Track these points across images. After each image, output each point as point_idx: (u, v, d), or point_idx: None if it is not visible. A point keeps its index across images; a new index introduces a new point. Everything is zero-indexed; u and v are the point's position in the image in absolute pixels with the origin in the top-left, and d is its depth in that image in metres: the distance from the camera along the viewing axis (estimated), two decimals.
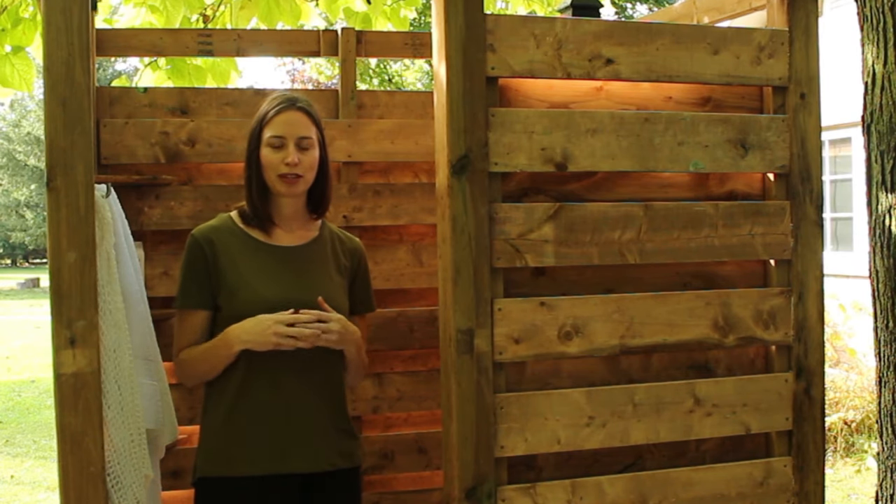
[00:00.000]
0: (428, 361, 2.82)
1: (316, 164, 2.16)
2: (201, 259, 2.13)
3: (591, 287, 2.14)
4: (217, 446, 2.10)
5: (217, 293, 2.12)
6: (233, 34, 2.92)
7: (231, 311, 2.10)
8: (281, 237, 2.18)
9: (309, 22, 4.35)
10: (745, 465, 2.21)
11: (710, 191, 2.27)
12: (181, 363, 2.16)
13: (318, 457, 2.10)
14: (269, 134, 2.12)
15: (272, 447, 2.06)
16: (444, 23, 2.01)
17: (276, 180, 2.13)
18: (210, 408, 2.15)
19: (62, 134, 1.84)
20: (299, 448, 2.08)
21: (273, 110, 2.13)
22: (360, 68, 10.70)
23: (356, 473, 2.21)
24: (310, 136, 2.14)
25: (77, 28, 1.84)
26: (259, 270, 2.13)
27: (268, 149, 2.12)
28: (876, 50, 3.06)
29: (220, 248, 2.13)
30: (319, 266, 2.19)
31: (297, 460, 2.08)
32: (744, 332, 2.20)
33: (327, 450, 2.12)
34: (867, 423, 6.07)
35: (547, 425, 2.06)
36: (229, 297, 2.10)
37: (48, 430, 7.46)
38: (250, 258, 2.14)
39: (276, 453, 2.06)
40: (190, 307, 2.14)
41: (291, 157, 2.10)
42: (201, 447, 2.15)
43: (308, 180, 2.15)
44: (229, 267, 2.12)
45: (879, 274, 3.09)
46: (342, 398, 2.20)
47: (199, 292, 2.13)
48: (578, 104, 2.18)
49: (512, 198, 2.09)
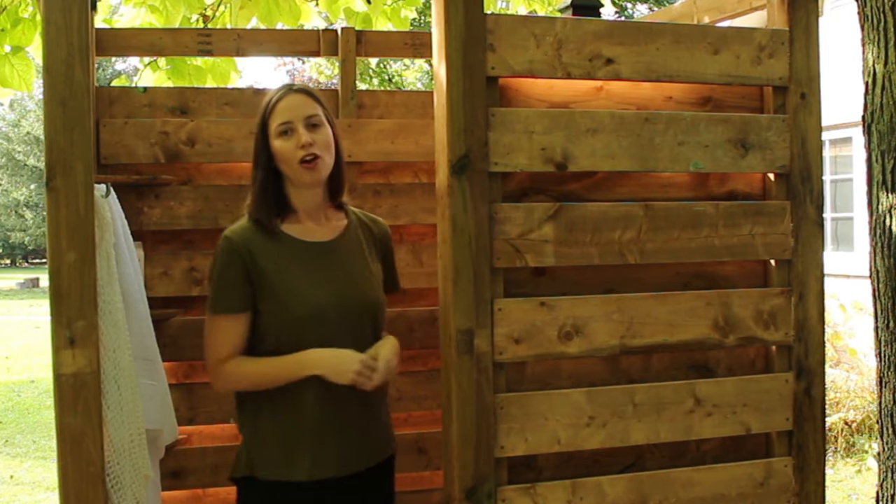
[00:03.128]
0: (428, 361, 2.82)
1: (331, 142, 2.11)
2: (240, 263, 2.05)
3: (591, 287, 2.14)
4: (280, 452, 2.06)
5: (260, 299, 2.06)
6: (232, 34, 2.92)
7: (281, 316, 2.04)
8: (314, 232, 2.14)
9: (309, 22, 4.35)
10: (746, 466, 2.21)
11: (710, 191, 2.26)
12: (229, 374, 2.08)
13: (374, 453, 2.15)
14: (275, 124, 2.08)
15: (330, 452, 2.07)
16: (444, 23, 2.00)
17: (297, 169, 2.07)
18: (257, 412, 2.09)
19: (62, 134, 1.84)
20: (354, 450, 2.10)
21: (274, 99, 2.11)
22: (360, 68, 10.70)
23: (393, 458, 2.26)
24: (316, 114, 2.10)
25: (77, 28, 1.84)
26: (304, 272, 2.08)
27: (279, 140, 2.08)
28: (876, 50, 3.06)
29: (259, 251, 2.06)
30: (358, 258, 2.18)
31: (355, 461, 2.10)
32: (744, 332, 2.20)
33: (376, 446, 2.16)
34: (867, 424, 6.07)
35: (547, 425, 2.06)
36: (277, 303, 2.04)
37: (48, 430, 7.46)
38: (292, 259, 2.08)
39: (332, 458, 2.07)
40: (229, 312, 2.06)
41: (304, 137, 2.05)
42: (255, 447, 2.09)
43: (327, 162, 2.10)
44: (272, 270, 2.05)
45: (880, 274, 3.09)
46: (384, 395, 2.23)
47: (238, 297, 2.05)
48: (578, 104, 2.18)
49: (512, 198, 2.09)
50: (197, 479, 2.66)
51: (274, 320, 2.06)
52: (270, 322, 2.06)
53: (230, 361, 2.07)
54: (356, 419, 2.10)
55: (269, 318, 2.06)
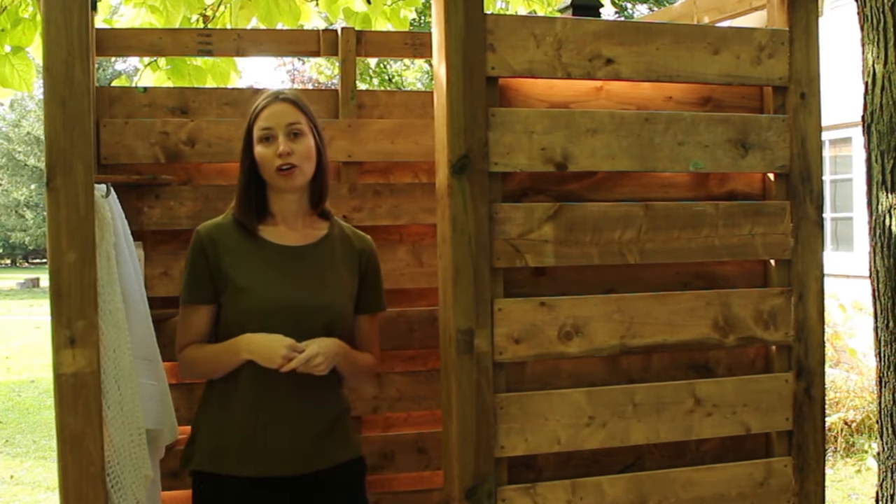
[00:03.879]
0: (428, 361, 2.82)
1: (312, 153, 2.14)
2: (203, 256, 2.14)
3: (591, 287, 2.14)
4: (212, 444, 2.12)
5: (221, 291, 2.13)
6: (233, 34, 2.91)
7: (235, 310, 2.11)
8: (287, 236, 2.17)
9: (309, 22, 4.35)
10: (746, 466, 2.21)
11: (710, 191, 2.26)
12: (185, 360, 2.18)
13: (307, 460, 2.11)
14: (258, 130, 2.13)
15: (262, 450, 2.08)
16: (444, 23, 2.01)
17: (273, 175, 2.12)
18: (206, 403, 2.18)
19: (62, 134, 1.84)
20: (288, 452, 2.08)
21: (260, 106, 2.15)
22: (360, 68, 10.69)
23: (355, 465, 2.22)
24: (298, 122, 2.13)
25: (77, 28, 1.84)
26: (264, 270, 2.13)
27: (260, 145, 2.13)
28: (876, 50, 3.06)
29: (224, 246, 2.14)
30: (327, 267, 2.18)
31: (285, 464, 2.09)
32: (744, 332, 2.20)
33: (316, 452, 2.12)
34: (867, 424, 6.07)
35: (547, 425, 2.06)
36: (234, 297, 2.11)
37: (48, 430, 7.46)
38: (255, 257, 2.14)
39: (265, 456, 2.07)
40: (193, 302, 2.16)
41: (283, 146, 2.09)
42: (196, 439, 2.16)
43: (306, 172, 2.14)
44: (233, 265, 2.12)
45: (880, 274, 3.09)
46: (334, 399, 2.19)
47: (202, 288, 2.14)
48: (578, 104, 2.18)
49: (512, 198, 2.09)
50: None
51: (228, 314, 2.13)
52: (226, 315, 2.14)
53: (187, 349, 2.16)
54: (291, 419, 2.09)
55: (225, 310, 2.14)
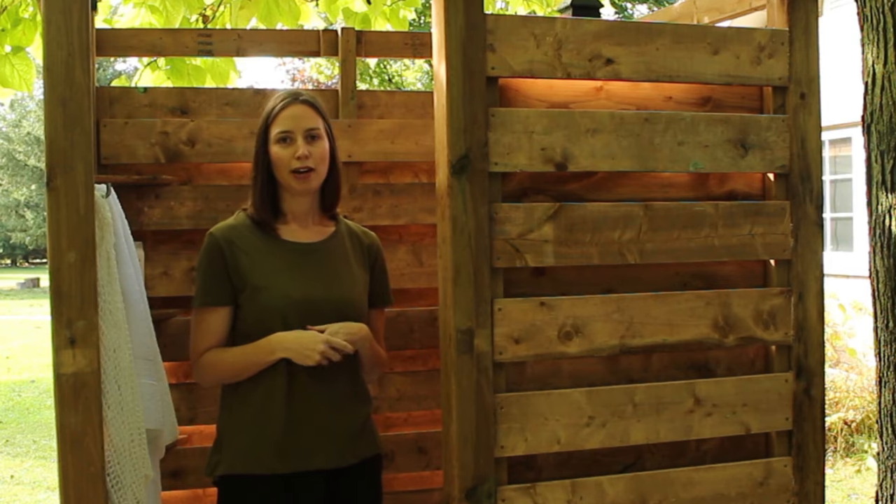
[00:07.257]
0: (428, 361, 2.82)
1: (327, 155, 2.17)
2: (220, 257, 2.12)
3: (591, 287, 2.14)
4: (245, 444, 2.10)
5: (239, 291, 2.12)
6: (233, 34, 2.92)
7: (255, 308, 2.11)
8: (298, 234, 2.19)
9: (309, 22, 4.35)
10: (745, 465, 2.21)
11: (710, 191, 2.26)
12: (205, 365, 2.15)
13: (342, 454, 2.13)
14: (276, 131, 2.13)
15: (301, 444, 2.08)
16: (444, 23, 2.01)
17: (289, 177, 2.13)
18: (231, 407, 2.15)
19: (62, 134, 1.84)
20: (323, 446, 2.10)
21: (278, 107, 2.15)
22: (360, 68, 10.69)
23: (377, 461, 2.24)
24: (317, 127, 2.15)
25: (77, 28, 1.84)
26: (281, 269, 2.13)
27: (277, 146, 2.13)
28: (876, 50, 3.06)
29: (240, 248, 2.13)
30: (341, 262, 2.20)
31: (321, 458, 2.10)
32: (744, 332, 2.20)
33: (350, 446, 2.14)
34: (867, 423, 6.07)
35: (547, 425, 2.06)
36: (253, 296, 2.11)
37: (48, 430, 7.45)
38: (271, 256, 2.14)
39: (304, 450, 2.08)
40: (210, 305, 2.14)
41: (301, 149, 2.11)
42: (224, 443, 2.14)
43: (321, 174, 2.16)
44: (251, 266, 2.12)
45: (879, 274, 3.09)
46: (363, 394, 2.22)
47: (219, 290, 2.13)
48: (578, 104, 2.18)
49: (512, 198, 2.09)
50: (197, 479, 2.65)
51: (247, 312, 2.12)
52: (245, 315, 2.13)
53: (207, 353, 2.14)
54: (325, 414, 2.11)
55: (243, 310, 2.13)
